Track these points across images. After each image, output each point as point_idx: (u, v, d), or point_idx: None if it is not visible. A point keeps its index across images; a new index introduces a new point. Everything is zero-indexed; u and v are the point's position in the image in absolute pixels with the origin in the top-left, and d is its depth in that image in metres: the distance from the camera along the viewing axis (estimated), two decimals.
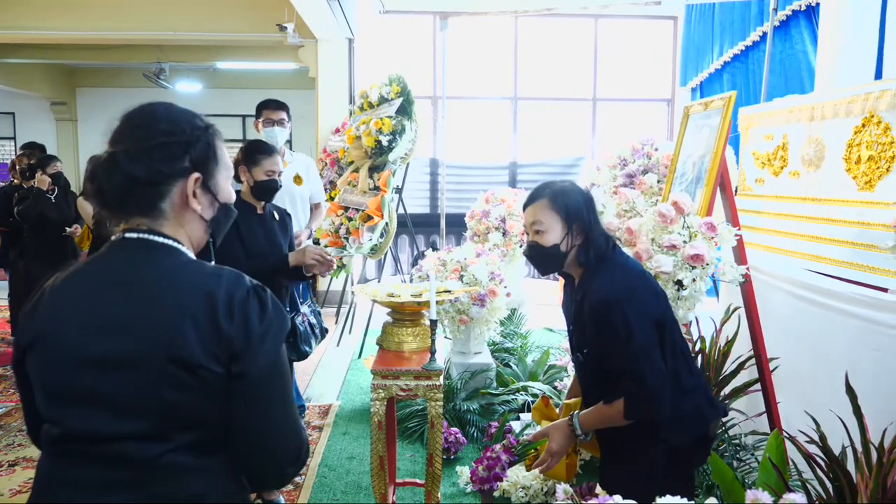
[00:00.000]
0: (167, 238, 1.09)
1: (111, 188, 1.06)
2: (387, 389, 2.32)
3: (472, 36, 7.81)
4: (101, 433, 1.00)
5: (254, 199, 2.77)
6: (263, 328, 1.05)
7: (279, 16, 6.03)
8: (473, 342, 4.06)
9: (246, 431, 1.05)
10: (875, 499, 1.58)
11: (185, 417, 1.02)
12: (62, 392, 1.02)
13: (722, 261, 2.46)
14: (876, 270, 2.36)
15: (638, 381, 1.67)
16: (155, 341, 0.99)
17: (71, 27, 6.45)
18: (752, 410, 2.74)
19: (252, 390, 1.04)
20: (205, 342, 1.01)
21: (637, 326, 1.68)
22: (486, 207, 5.06)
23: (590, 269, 1.81)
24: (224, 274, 1.08)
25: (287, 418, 1.09)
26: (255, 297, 1.07)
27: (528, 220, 1.88)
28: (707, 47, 6.35)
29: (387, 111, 5.09)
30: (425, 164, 7.64)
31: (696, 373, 1.88)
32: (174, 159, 1.08)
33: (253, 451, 1.07)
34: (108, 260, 1.08)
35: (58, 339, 1.02)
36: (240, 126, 9.61)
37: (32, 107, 9.55)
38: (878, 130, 2.36)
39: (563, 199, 1.83)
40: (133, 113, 1.11)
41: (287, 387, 1.11)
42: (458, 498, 2.95)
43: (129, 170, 1.05)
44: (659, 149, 3.98)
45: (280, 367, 1.08)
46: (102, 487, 1.01)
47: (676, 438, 1.76)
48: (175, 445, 1.02)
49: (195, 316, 1.01)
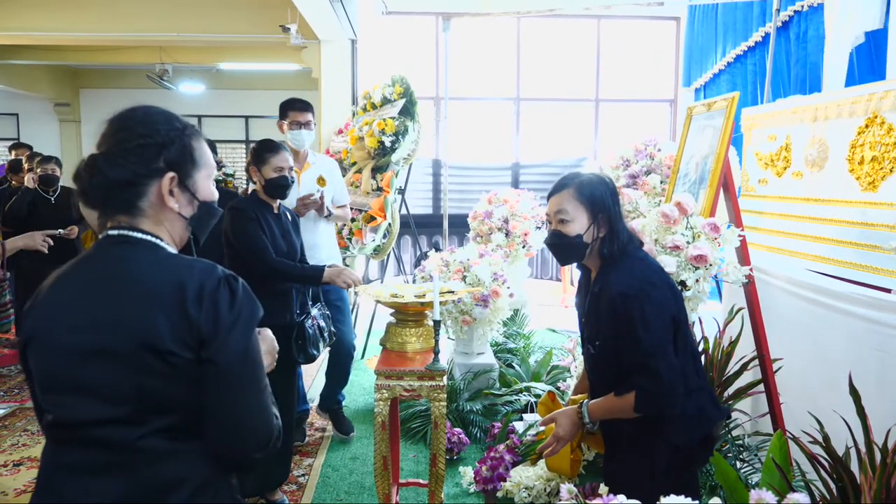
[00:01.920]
0: (146, 234, 1.15)
1: (92, 189, 1.13)
2: (390, 390, 2.33)
3: (475, 37, 7.81)
4: (85, 419, 1.07)
5: (268, 198, 2.79)
6: (233, 316, 1.10)
7: (282, 17, 6.04)
8: (476, 343, 4.07)
9: (216, 416, 1.10)
10: (879, 499, 1.58)
11: (159, 402, 1.08)
12: (52, 383, 1.10)
13: (725, 261, 2.46)
14: (879, 271, 2.36)
15: (653, 376, 1.68)
16: (129, 331, 1.06)
17: (74, 28, 6.47)
18: (755, 411, 2.74)
19: (222, 377, 1.09)
20: (175, 330, 1.06)
21: (654, 321, 1.69)
22: (488, 208, 5.06)
23: (610, 261, 1.81)
24: (197, 264, 1.13)
25: (257, 405, 1.13)
26: (226, 286, 1.12)
27: (552, 209, 1.86)
28: (710, 48, 6.35)
29: (390, 112, 5.09)
30: (428, 164, 7.64)
31: (702, 374, 1.89)
32: (149, 160, 1.14)
33: (221, 435, 1.11)
34: (92, 257, 1.15)
35: (48, 334, 1.10)
36: (243, 127, 9.62)
37: (36, 108, 9.58)
38: (882, 131, 2.36)
39: (590, 189, 1.82)
40: (115, 117, 1.17)
41: (258, 374, 1.15)
42: (462, 498, 2.95)
43: (107, 172, 1.12)
44: (662, 149, 3.97)
45: (252, 354, 1.13)
46: (91, 471, 1.08)
47: (679, 438, 1.76)
48: (151, 429, 1.07)
49: (165, 305, 1.07)
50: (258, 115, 9.34)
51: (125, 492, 1.07)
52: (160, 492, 1.08)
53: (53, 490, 1.10)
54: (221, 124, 9.47)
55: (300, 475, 3.20)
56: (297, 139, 3.45)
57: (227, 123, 9.52)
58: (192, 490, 1.10)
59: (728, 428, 2.65)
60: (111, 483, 1.07)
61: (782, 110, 3.05)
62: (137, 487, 1.07)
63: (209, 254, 1.28)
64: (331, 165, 3.73)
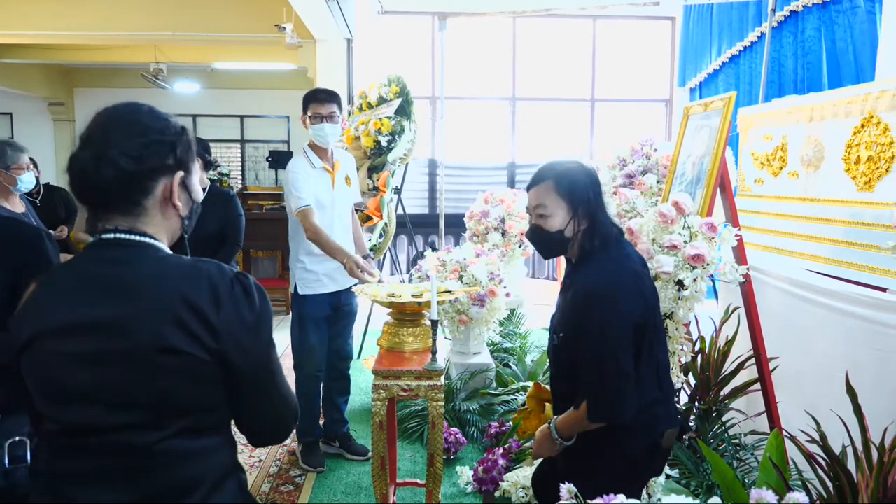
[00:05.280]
0: (144, 235, 1.12)
1: (98, 184, 1.08)
2: (388, 390, 2.32)
3: (471, 36, 7.80)
4: (97, 426, 1.05)
5: None
6: (255, 317, 1.11)
7: (277, 16, 6.02)
8: (473, 342, 4.06)
9: (253, 414, 1.16)
10: (876, 498, 1.58)
11: (178, 405, 1.06)
12: (57, 390, 1.07)
13: (722, 261, 2.47)
14: (875, 270, 2.36)
15: (600, 379, 1.66)
16: (142, 336, 1.03)
17: (69, 27, 6.44)
18: (751, 410, 2.75)
19: (255, 380, 1.12)
20: (189, 332, 1.04)
21: (612, 326, 1.65)
22: (485, 208, 5.06)
23: (588, 255, 1.76)
24: (204, 265, 1.12)
25: (285, 393, 1.19)
26: (239, 285, 1.11)
27: (531, 203, 1.81)
28: (705, 48, 6.36)
29: (386, 112, 5.09)
30: (424, 164, 7.64)
31: (666, 386, 1.85)
32: (163, 156, 1.12)
33: (259, 429, 1.19)
34: (89, 260, 1.11)
35: (46, 340, 1.06)
36: (237, 126, 9.58)
37: (30, 107, 9.51)
38: (878, 131, 2.37)
39: (569, 181, 1.76)
40: (115, 112, 1.13)
41: (279, 365, 1.19)
42: (459, 498, 2.95)
43: (124, 165, 1.07)
44: (658, 149, 3.98)
45: (274, 349, 1.17)
46: (104, 478, 1.05)
47: (626, 447, 1.75)
48: (171, 432, 1.06)
49: (178, 308, 1.04)
50: (253, 114, 9.32)
51: (142, 496, 1.05)
52: (178, 493, 1.07)
53: (59, 495, 1.08)
54: (216, 124, 9.43)
55: (297, 475, 3.19)
56: (320, 134, 3.09)
57: (221, 123, 9.48)
58: (208, 489, 1.10)
59: (724, 427, 2.66)
60: (126, 488, 1.05)
61: (778, 110, 3.06)
62: (154, 490, 1.06)
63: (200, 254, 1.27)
64: (352, 161, 3.42)
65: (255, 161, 9.69)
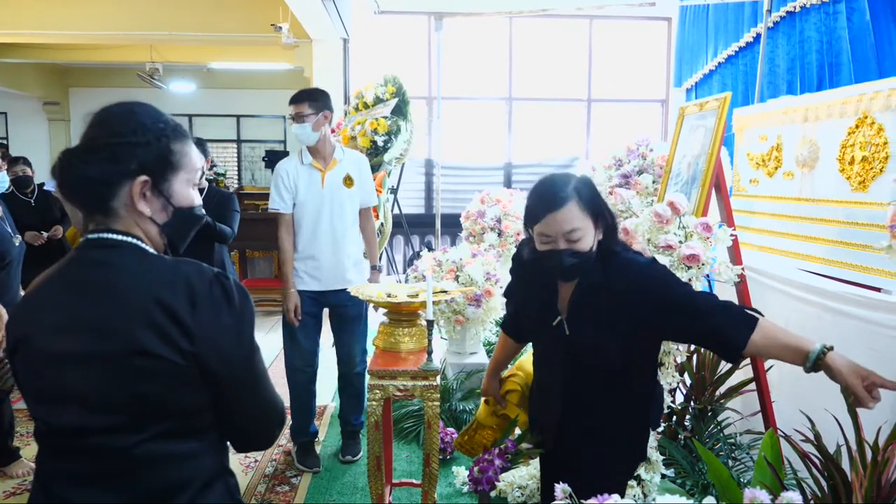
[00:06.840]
0: (127, 235, 1.10)
1: (67, 184, 1.08)
2: (384, 390, 2.32)
3: (467, 36, 7.81)
4: (80, 428, 1.04)
5: None
6: (235, 320, 1.08)
7: (273, 16, 6.02)
8: (469, 342, 4.07)
9: (237, 419, 1.13)
10: (870, 497, 1.59)
11: (154, 408, 1.05)
12: (41, 391, 1.08)
13: (717, 261, 2.47)
14: (870, 270, 2.37)
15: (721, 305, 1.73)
16: (117, 338, 1.02)
17: (64, 26, 6.43)
18: (746, 410, 2.75)
19: (238, 384, 1.10)
20: (164, 334, 1.02)
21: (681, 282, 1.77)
22: (481, 208, 5.05)
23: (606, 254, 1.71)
24: (182, 265, 1.10)
25: (270, 396, 1.16)
26: (218, 286, 1.08)
27: (561, 229, 1.61)
28: (701, 48, 6.38)
29: (382, 111, 5.09)
30: (420, 164, 7.64)
31: None
32: (119, 160, 1.07)
33: (244, 434, 1.16)
34: (75, 261, 1.11)
35: (32, 342, 1.07)
36: (234, 126, 9.57)
37: (25, 107, 9.49)
38: (872, 131, 2.38)
39: (588, 194, 1.66)
40: (97, 112, 1.12)
41: (263, 367, 1.16)
42: (455, 498, 2.95)
43: (77, 167, 1.07)
44: (654, 149, 3.98)
45: (258, 352, 1.14)
46: (90, 479, 1.06)
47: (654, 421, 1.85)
48: (149, 435, 1.05)
49: (153, 309, 1.03)
50: (249, 114, 9.32)
51: (129, 498, 1.05)
52: (163, 496, 1.07)
53: (51, 495, 1.08)
54: (212, 123, 9.43)
55: (292, 476, 3.19)
56: (294, 134, 3.20)
57: (218, 122, 9.48)
58: (195, 491, 1.09)
59: (720, 426, 2.66)
60: (114, 489, 1.05)
61: (773, 111, 3.07)
62: (141, 492, 1.06)
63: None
64: (360, 162, 3.30)
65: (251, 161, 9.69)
